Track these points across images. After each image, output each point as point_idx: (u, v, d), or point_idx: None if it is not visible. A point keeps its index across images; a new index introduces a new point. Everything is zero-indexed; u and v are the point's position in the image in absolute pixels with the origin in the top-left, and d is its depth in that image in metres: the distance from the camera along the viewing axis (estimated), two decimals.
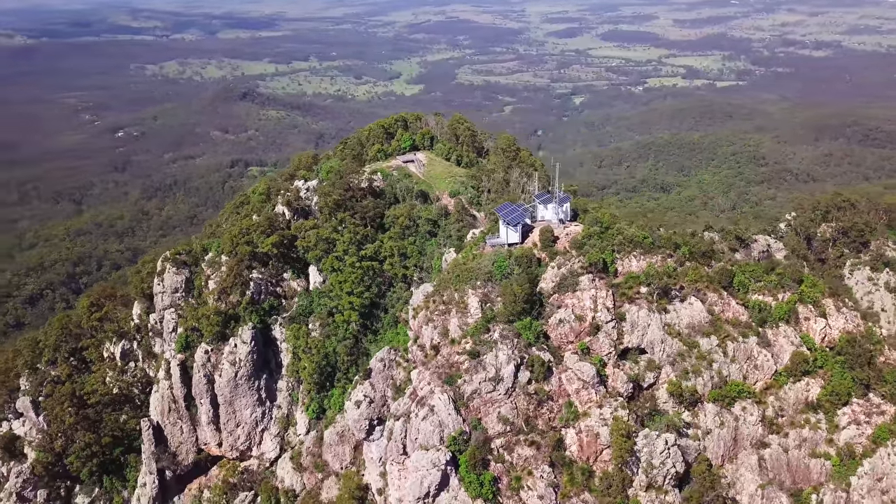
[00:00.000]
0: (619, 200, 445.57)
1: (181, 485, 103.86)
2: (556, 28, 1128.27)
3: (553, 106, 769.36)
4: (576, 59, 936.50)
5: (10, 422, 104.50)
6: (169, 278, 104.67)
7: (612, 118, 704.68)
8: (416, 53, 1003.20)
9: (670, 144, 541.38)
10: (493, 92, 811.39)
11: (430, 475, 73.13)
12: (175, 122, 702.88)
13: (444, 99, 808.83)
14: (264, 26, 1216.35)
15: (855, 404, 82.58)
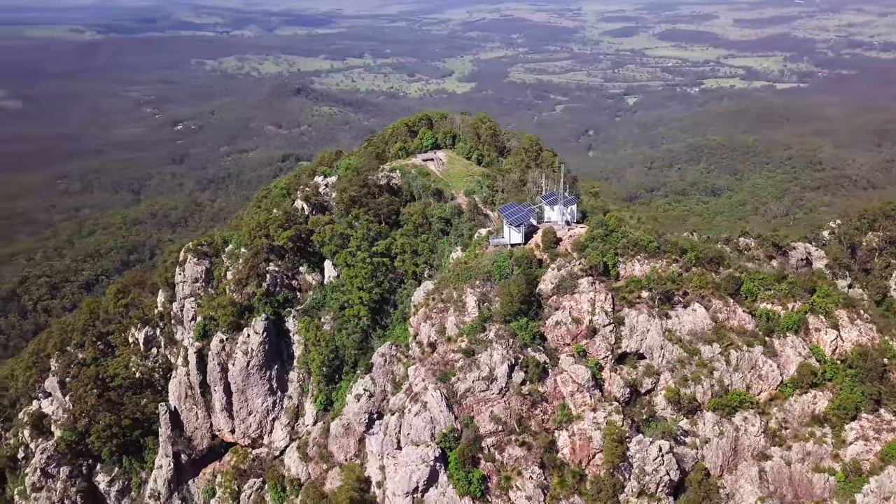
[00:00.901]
0: (666, 203, 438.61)
1: (196, 469, 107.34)
2: (612, 27, 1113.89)
3: (605, 106, 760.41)
4: (631, 58, 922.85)
5: (39, 400, 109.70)
6: (190, 268, 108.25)
7: (665, 119, 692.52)
8: (469, 51, 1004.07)
9: (723, 147, 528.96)
10: (545, 91, 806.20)
11: (418, 470, 74.12)
12: (231, 117, 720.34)
13: (495, 97, 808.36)
14: (321, 23, 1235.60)
15: (864, 419, 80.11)
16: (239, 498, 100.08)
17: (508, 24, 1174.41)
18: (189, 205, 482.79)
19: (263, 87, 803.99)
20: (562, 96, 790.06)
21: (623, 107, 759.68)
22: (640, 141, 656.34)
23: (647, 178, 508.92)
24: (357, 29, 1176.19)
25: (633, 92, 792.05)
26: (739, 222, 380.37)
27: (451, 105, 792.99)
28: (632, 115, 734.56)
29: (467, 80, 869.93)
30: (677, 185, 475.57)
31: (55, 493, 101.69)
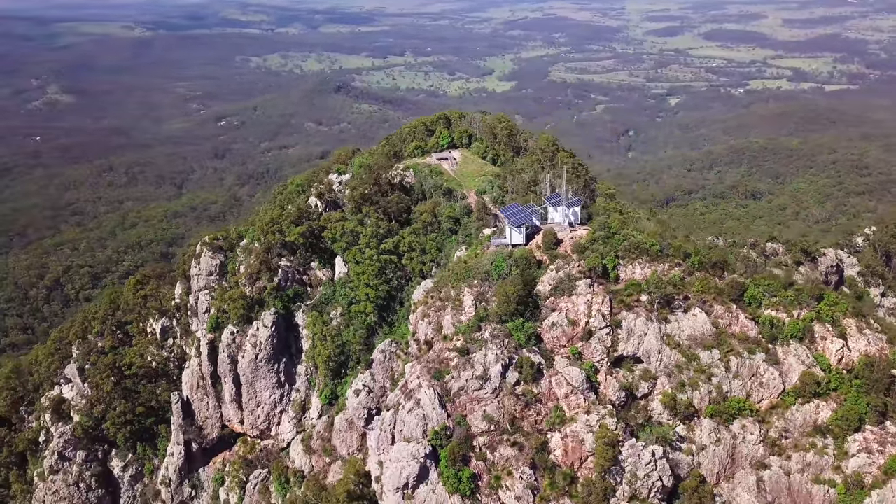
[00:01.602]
0: (704, 206, 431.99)
1: (207, 457, 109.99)
2: (656, 26, 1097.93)
3: (647, 106, 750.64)
4: (674, 58, 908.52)
5: (60, 386, 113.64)
6: (205, 261, 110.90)
7: (707, 121, 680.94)
8: (510, 50, 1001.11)
9: (766, 150, 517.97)
10: (586, 90, 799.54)
11: (409, 467, 74.88)
12: (273, 113, 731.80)
13: (534, 96, 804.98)
14: (364, 21, 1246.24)
15: (868, 431, 78.18)
16: (245, 487, 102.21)
17: (551, 22, 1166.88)
18: (228, 199, 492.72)
19: (305, 85, 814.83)
20: (602, 96, 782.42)
21: (665, 107, 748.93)
22: (680, 142, 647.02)
23: (686, 180, 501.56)
24: (399, 27, 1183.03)
25: (676, 92, 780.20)
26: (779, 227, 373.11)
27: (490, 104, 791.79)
28: (673, 115, 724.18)
29: (507, 78, 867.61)
30: (716, 188, 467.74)
31: (71, 476, 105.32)
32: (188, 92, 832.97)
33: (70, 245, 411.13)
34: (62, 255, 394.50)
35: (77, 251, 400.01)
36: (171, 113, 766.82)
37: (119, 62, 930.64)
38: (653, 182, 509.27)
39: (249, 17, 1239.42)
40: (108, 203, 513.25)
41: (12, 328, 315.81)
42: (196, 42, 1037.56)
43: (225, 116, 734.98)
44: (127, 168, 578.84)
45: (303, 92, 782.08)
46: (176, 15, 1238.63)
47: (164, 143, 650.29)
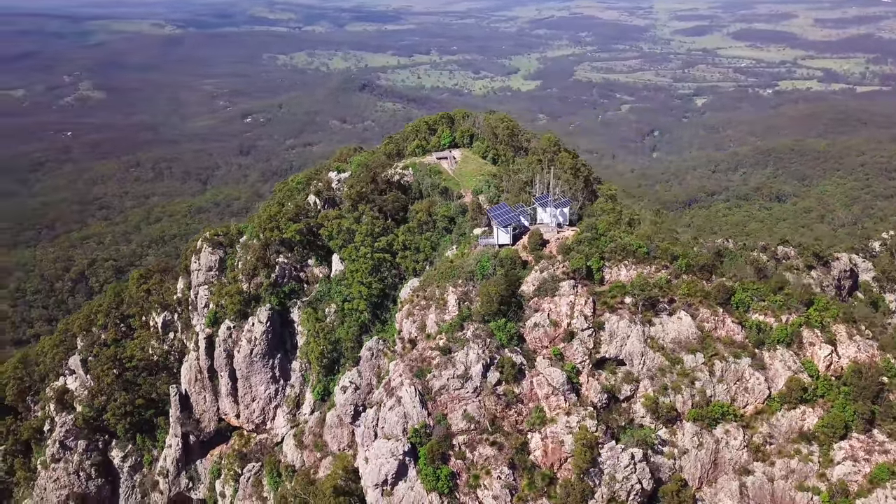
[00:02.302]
0: (726, 208, 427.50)
1: (204, 450, 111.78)
2: (684, 26, 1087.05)
3: (673, 106, 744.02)
4: (702, 58, 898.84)
5: (65, 377, 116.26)
6: (205, 257, 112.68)
7: (734, 122, 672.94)
8: (536, 49, 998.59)
9: (793, 151, 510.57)
10: (611, 90, 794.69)
11: (387, 463, 75.58)
12: (299, 111, 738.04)
13: (559, 95, 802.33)
14: (390, 20, 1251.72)
15: (854, 439, 77.07)
16: (239, 480, 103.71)
17: (577, 21, 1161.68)
18: (251, 195, 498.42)
19: (331, 83, 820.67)
20: (628, 96, 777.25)
21: (691, 108, 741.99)
22: (706, 143, 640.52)
23: (710, 181, 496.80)
24: (425, 26, 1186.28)
25: (703, 93, 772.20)
26: (802, 230, 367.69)
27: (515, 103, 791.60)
28: (700, 116, 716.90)
29: (532, 77, 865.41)
30: (740, 190, 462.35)
31: (72, 464, 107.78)
32: (216, 89, 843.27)
33: (96, 239, 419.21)
34: (88, 249, 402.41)
35: (102, 245, 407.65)
36: (199, 110, 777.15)
37: (149, 59, 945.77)
38: (676, 183, 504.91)
39: (277, 16, 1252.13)
40: (134, 198, 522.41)
41: (37, 319, 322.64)
42: (224, 40, 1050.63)
43: (251, 114, 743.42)
44: (154, 164, 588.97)
45: (328, 90, 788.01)
46: (205, 13, 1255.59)
47: (190, 140, 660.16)
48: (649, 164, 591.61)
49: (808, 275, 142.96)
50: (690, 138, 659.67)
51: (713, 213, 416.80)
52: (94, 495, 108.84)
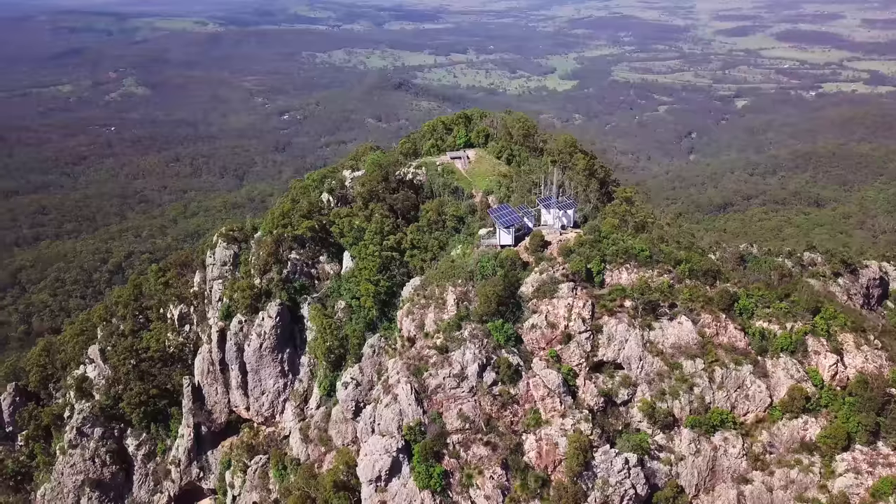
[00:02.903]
0: (763, 213, 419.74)
1: (216, 441, 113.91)
2: (727, 26, 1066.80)
3: (712, 108, 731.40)
4: (744, 59, 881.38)
5: (85, 365, 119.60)
6: (220, 252, 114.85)
7: (774, 124, 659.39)
8: (574, 49, 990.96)
9: (834, 156, 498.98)
10: (649, 91, 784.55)
11: (381, 460, 76.34)
12: (334, 108, 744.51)
13: (596, 96, 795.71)
14: (428, 19, 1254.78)
15: (858, 451, 75.55)
16: (247, 471, 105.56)
17: (616, 21, 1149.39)
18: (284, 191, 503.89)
19: (367, 81, 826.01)
20: (666, 97, 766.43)
21: (731, 110, 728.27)
22: (745, 146, 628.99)
23: (746, 185, 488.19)
24: (463, 25, 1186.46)
25: (744, 94, 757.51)
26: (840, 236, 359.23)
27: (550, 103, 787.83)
28: (739, 118, 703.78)
29: (569, 77, 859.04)
30: (777, 194, 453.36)
31: (88, 451, 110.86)
32: (255, 86, 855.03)
33: (133, 231, 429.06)
34: (125, 241, 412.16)
35: (139, 238, 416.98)
36: (238, 107, 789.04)
37: (191, 56, 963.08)
38: (711, 186, 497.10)
39: (317, 14, 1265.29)
40: (172, 192, 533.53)
41: (74, 309, 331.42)
42: (264, 37, 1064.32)
43: (288, 111, 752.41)
44: (192, 159, 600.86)
45: (364, 88, 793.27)
46: (247, 11, 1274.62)
47: (228, 136, 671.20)
48: (685, 167, 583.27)
49: (834, 282, 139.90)
50: (729, 141, 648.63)
51: (748, 218, 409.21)
52: (108, 481, 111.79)
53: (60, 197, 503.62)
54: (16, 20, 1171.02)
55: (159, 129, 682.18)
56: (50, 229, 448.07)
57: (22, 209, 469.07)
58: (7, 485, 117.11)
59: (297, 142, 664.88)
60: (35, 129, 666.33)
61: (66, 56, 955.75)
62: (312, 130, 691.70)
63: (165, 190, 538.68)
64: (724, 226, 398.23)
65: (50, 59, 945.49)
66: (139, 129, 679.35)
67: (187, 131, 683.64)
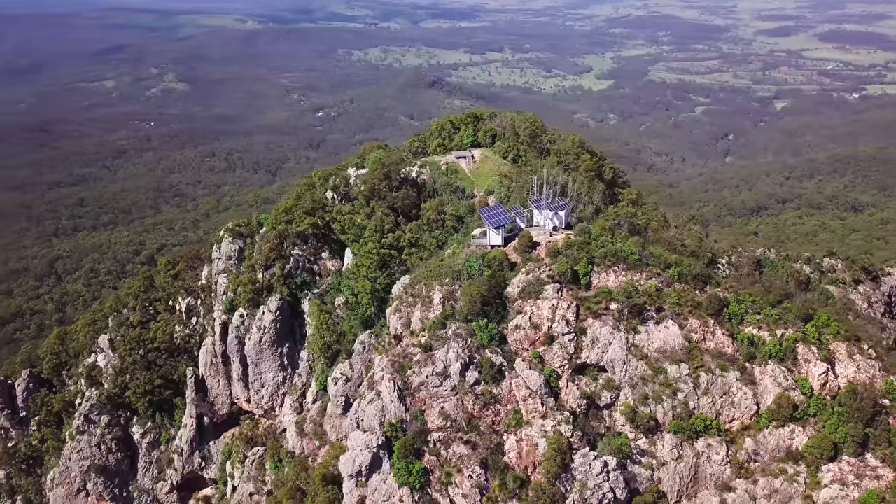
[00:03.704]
0: (796, 217, 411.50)
1: (218, 431, 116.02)
2: (768, 26, 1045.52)
3: (750, 109, 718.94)
4: (785, 60, 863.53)
5: (96, 354, 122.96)
6: (225, 246, 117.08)
7: (814, 126, 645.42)
8: (610, 48, 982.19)
9: (874, 160, 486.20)
10: (686, 91, 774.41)
11: (362, 455, 77.10)
12: (368, 106, 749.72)
13: (632, 96, 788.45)
14: (465, 17, 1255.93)
15: (844, 462, 73.97)
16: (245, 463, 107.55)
17: (655, 21, 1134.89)
18: None
19: (401, 79, 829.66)
20: (703, 97, 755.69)
21: (770, 111, 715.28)
22: (782, 148, 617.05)
23: (782, 188, 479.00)
24: (500, 23, 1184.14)
25: (783, 96, 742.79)
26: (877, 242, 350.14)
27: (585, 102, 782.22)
28: (778, 120, 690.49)
29: (605, 77, 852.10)
30: (814, 198, 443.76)
31: (94, 437, 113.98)
32: (291, 83, 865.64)
33: (167, 224, 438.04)
34: (159, 234, 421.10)
35: (172, 231, 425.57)
36: (274, 103, 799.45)
37: (231, 53, 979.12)
38: (745, 189, 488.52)
39: (354, 12, 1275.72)
40: (206, 187, 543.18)
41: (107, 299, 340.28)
42: (302, 35, 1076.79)
43: (323, 108, 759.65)
44: (227, 154, 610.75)
45: (398, 86, 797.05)
46: (285, 8, 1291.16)
47: (263, 132, 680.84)
48: (720, 169, 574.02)
49: (854, 290, 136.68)
50: (766, 143, 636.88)
51: (782, 222, 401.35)
52: (113, 468, 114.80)
53: (99, 189, 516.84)
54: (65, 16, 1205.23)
55: (197, 124, 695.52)
56: (88, 221, 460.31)
57: (63, 201, 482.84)
58: (19, 468, 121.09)
59: (331, 139, 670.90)
60: (79, 122, 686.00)
61: (111, 52, 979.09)
62: (346, 128, 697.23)
63: (200, 184, 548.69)
64: (757, 229, 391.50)
65: (95, 54, 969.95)
66: (177, 124, 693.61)
67: (224, 127, 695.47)
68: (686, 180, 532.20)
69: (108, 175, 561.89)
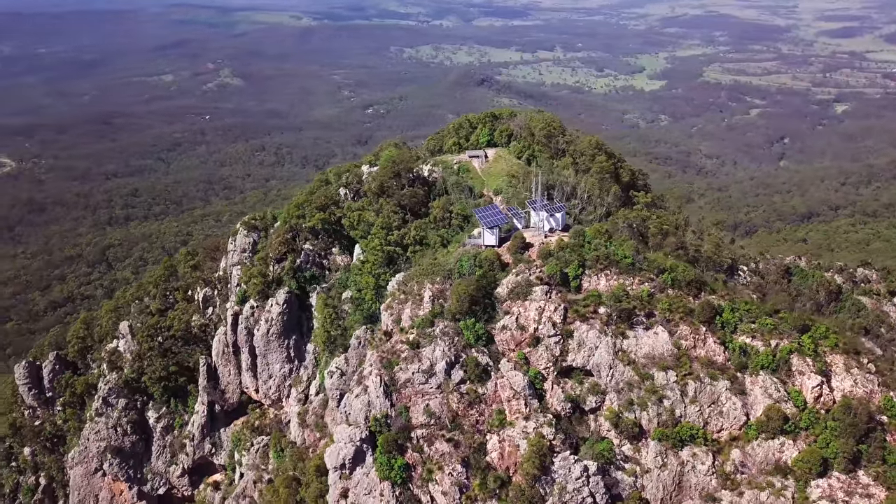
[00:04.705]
0: (849, 224, 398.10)
1: (229, 419, 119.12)
2: (831, 27, 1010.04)
3: (808, 113, 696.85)
4: (848, 61, 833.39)
5: (118, 339, 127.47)
6: (240, 239, 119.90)
7: (876, 131, 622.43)
8: (665, 48, 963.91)
9: None
10: (741, 93, 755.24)
11: (345, 448, 78.34)
12: (417, 103, 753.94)
13: (684, 96, 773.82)
14: (518, 15, 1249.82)
15: (834, 478, 71.78)
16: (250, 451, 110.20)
17: (712, 20, 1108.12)
18: None
19: (450, 77, 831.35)
20: (759, 99, 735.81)
21: (829, 115, 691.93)
22: (841, 153, 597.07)
23: (836, 195, 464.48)
24: (553, 22, 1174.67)
25: (844, 99, 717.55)
26: None
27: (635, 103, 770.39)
28: (838, 124, 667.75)
29: (658, 77, 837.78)
30: (869, 206, 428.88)
31: (111, 420, 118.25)
32: (342, 80, 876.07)
33: (214, 216, 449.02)
34: (206, 225, 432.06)
35: (219, 223, 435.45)
36: (324, 99, 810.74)
37: (285, 49, 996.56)
38: (798, 194, 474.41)
39: (407, 10, 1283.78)
40: (255, 180, 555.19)
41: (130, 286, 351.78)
42: (356, 32, 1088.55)
43: (372, 105, 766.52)
44: (277, 149, 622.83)
45: (447, 84, 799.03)
46: (340, 5, 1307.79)
47: (313, 127, 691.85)
48: (773, 173, 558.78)
49: (889, 301, 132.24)
50: (823, 147, 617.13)
51: (833, 229, 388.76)
52: (128, 450, 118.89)
53: (153, 181, 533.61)
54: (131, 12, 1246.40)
55: (249, 118, 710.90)
56: (140, 211, 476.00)
57: (118, 191, 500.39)
58: (44, 445, 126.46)
59: (379, 135, 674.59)
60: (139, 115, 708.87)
61: (172, 47, 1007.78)
62: (394, 125, 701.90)
63: (249, 178, 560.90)
64: (806, 236, 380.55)
65: (157, 49, 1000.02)
66: (231, 118, 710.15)
67: (275, 122, 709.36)
68: (736, 184, 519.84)
69: (163, 167, 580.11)
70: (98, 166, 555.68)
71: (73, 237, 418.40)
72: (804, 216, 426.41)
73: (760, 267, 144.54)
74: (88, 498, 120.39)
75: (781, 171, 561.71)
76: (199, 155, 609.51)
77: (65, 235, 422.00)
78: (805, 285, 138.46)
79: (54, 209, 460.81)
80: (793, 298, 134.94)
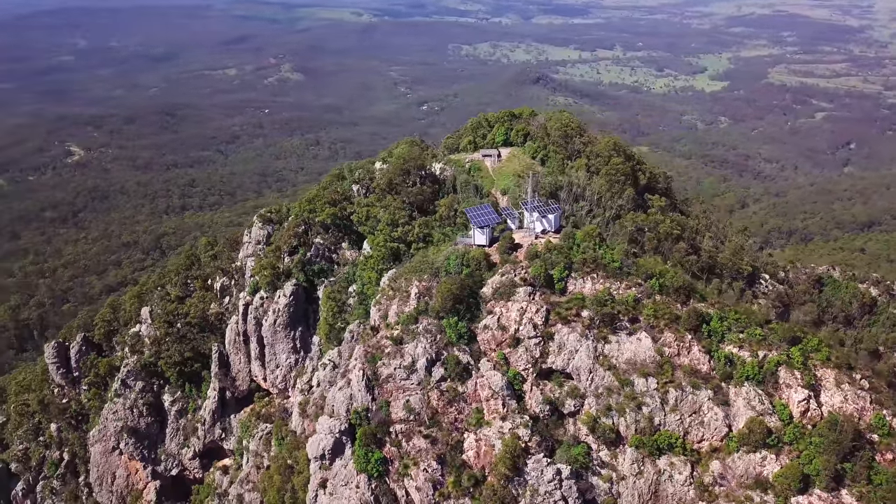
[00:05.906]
0: None
1: (239, 406, 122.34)
2: None
3: (878, 117, 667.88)
4: None
5: (140, 324, 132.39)
6: (255, 231, 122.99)
7: None
8: (729, 48, 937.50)
9: None
10: (807, 95, 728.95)
11: (325, 439, 79.89)
12: (471, 101, 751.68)
13: (746, 98, 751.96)
14: (578, 13, 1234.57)
15: (815, 496, 69.48)
16: None
17: (780, 20, 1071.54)
18: None
19: (506, 74, 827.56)
20: (826, 103, 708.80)
21: None
22: None
23: None
24: (613, 20, 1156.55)
25: None
26: None
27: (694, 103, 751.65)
28: None
29: (720, 78, 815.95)
30: None
31: (129, 401, 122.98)
32: (400, 76, 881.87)
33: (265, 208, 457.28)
34: None
35: None
36: (381, 95, 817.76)
37: (345, 45, 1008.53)
38: (860, 202, 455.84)
39: (466, 7, 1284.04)
40: (308, 174, 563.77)
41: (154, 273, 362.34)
42: (415, 29, 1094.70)
43: (427, 101, 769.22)
44: (331, 143, 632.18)
45: (502, 81, 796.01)
46: (400, 3, 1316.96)
47: (368, 123, 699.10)
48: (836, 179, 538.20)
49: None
50: (892, 154, 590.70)
51: (893, 239, 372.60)
52: (144, 431, 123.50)
53: (209, 172, 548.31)
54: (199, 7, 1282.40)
55: (307, 113, 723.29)
56: (196, 200, 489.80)
57: (176, 181, 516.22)
58: (69, 423, 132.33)
59: (432, 132, 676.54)
60: (202, 108, 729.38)
61: (236, 42, 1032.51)
62: (448, 121, 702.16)
63: (302, 171, 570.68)
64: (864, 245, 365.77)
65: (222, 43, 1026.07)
66: (289, 112, 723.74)
67: (331, 117, 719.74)
68: (795, 189, 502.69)
69: (220, 158, 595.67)
70: (160, 156, 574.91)
71: (131, 224, 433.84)
72: (864, 225, 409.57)
73: (790, 276, 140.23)
74: (106, 475, 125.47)
75: (844, 178, 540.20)
76: (255, 148, 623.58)
77: (124, 222, 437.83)
78: (836, 296, 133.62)
79: (116, 197, 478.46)
80: (822, 310, 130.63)
